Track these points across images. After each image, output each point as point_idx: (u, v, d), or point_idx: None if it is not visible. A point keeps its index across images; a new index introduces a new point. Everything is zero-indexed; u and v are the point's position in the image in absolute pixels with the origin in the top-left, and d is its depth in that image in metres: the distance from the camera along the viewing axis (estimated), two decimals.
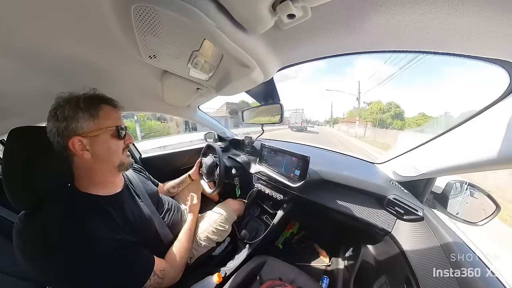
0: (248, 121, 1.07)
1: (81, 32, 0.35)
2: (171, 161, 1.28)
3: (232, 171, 0.94)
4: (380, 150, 8.98)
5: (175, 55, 0.40)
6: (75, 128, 0.41)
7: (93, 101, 0.45)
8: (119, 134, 0.47)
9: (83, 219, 0.40)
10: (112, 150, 0.47)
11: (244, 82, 0.55)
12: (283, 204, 0.84)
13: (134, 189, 0.59)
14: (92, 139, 0.43)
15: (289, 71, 0.58)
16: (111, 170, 0.49)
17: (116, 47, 0.40)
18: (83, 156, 0.43)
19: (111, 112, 0.48)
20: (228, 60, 0.46)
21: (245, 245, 0.78)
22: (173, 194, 0.91)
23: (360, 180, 0.68)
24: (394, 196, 0.60)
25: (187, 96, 0.75)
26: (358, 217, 0.63)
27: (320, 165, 0.78)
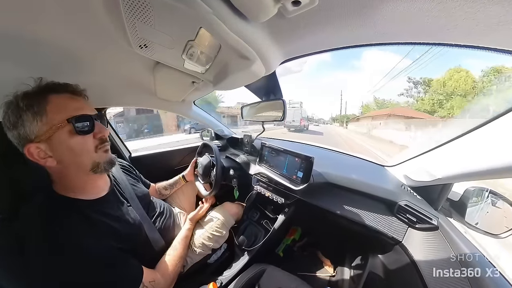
0: (247, 118, 1.06)
1: (62, 16, 0.34)
2: (164, 160, 1.28)
3: (230, 172, 0.94)
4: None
5: (168, 45, 0.40)
6: (25, 134, 0.37)
7: (34, 95, 0.38)
8: (77, 128, 0.39)
9: (61, 227, 0.38)
10: (76, 151, 0.40)
11: (243, 75, 0.55)
12: (285, 208, 0.83)
13: (122, 191, 0.58)
14: (49, 142, 0.38)
15: (292, 64, 0.58)
16: (86, 174, 0.44)
17: (102, 35, 0.39)
18: (46, 164, 0.39)
19: (65, 101, 0.40)
20: (226, 51, 0.45)
21: (243, 252, 0.78)
22: (165, 196, 0.91)
23: (368, 184, 0.68)
24: (406, 203, 0.59)
25: (182, 90, 0.74)
26: (366, 224, 0.63)
27: (325, 167, 0.77)
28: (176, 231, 0.70)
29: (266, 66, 0.52)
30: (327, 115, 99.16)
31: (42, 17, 0.33)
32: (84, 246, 0.38)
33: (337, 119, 59.43)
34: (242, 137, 1.16)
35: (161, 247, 0.59)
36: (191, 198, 1.00)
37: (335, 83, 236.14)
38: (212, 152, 0.93)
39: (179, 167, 1.27)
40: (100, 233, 0.42)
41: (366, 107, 38.33)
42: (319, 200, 0.73)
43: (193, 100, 1.08)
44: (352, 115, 52.84)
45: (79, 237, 0.39)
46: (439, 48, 0.42)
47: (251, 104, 1.00)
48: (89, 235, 0.40)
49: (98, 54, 0.49)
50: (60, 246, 0.36)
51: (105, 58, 0.51)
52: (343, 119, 47.11)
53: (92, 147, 0.43)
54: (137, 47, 0.39)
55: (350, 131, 22.16)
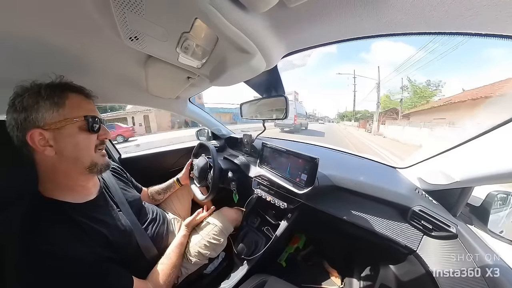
0: (247, 117, 1.06)
1: (47, 8, 0.34)
2: (157, 162, 1.28)
3: (228, 174, 0.94)
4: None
5: (161, 37, 0.40)
6: (35, 119, 0.41)
7: (58, 89, 0.44)
8: (90, 127, 0.46)
9: (45, 234, 0.38)
10: (80, 146, 0.45)
11: (243, 70, 0.55)
12: (287, 214, 0.83)
13: (112, 196, 0.59)
14: (56, 132, 0.42)
15: (295, 58, 0.57)
16: (81, 172, 0.47)
17: (90, 26, 0.39)
18: (44, 152, 0.42)
19: (81, 102, 0.47)
20: (224, 44, 0.45)
21: (242, 262, 0.77)
22: (158, 201, 0.91)
23: (379, 188, 0.67)
24: (421, 208, 0.58)
25: (176, 86, 0.74)
26: (377, 231, 0.62)
27: (332, 168, 0.77)
28: (170, 238, 0.70)
29: (267, 60, 0.52)
30: (332, 112, 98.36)
31: (25, 11, 0.34)
32: (69, 256, 0.39)
33: (345, 115, 54.76)
34: (242, 137, 1.16)
35: (154, 256, 0.59)
36: (186, 203, 0.99)
37: (341, 78, 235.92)
38: (209, 153, 0.93)
39: (173, 169, 1.27)
40: (87, 240, 0.43)
41: (387, 100, 28.61)
42: (324, 205, 0.72)
43: (188, 97, 1.08)
44: (365, 112, 47.61)
45: (63, 247, 0.39)
46: (460, 38, 0.39)
47: (250, 101, 1.00)
48: (75, 243, 0.41)
49: (85, 48, 0.49)
50: (42, 257, 0.36)
51: (93, 52, 0.52)
52: (354, 116, 43.58)
53: (93, 146, 0.48)
54: (127, 40, 0.38)
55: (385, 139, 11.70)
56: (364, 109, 51.12)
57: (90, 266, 0.40)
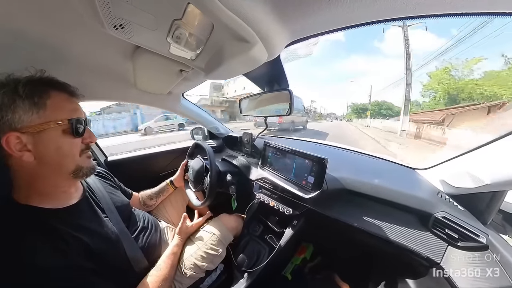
0: (247, 113, 1.06)
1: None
2: (147, 165, 1.28)
3: (227, 177, 0.94)
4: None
5: (150, 25, 0.39)
6: (12, 120, 0.40)
7: (38, 86, 0.42)
8: (74, 130, 0.45)
9: (18, 243, 0.38)
10: (63, 151, 0.45)
11: (241, 62, 0.54)
12: (293, 221, 0.82)
13: (97, 200, 0.59)
14: (36, 136, 0.41)
15: (299, 47, 0.56)
16: (64, 177, 0.47)
17: (69, 15, 0.39)
18: (22, 158, 0.41)
19: (65, 101, 0.46)
20: (220, 32, 0.45)
21: (242, 274, 0.77)
22: (151, 207, 0.92)
23: (396, 192, 0.66)
24: (444, 214, 0.57)
25: (168, 80, 0.75)
26: (393, 240, 0.61)
27: (342, 170, 0.76)
28: (162, 249, 0.70)
29: (269, 50, 0.52)
30: (340, 108, 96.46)
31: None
32: (43, 268, 0.38)
33: (361, 108, 45.08)
34: (241, 136, 1.16)
35: (144, 268, 0.59)
36: (180, 210, 0.99)
37: (350, 69, 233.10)
38: (205, 154, 0.93)
39: (165, 172, 1.28)
40: (65, 249, 0.42)
41: (445, 78, 17.78)
42: (334, 210, 0.72)
43: (181, 93, 1.08)
44: (385, 103, 38.82)
45: (39, 258, 0.38)
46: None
47: (251, 96, 1.00)
48: (51, 253, 0.40)
49: (64, 39, 0.49)
50: (15, 269, 0.36)
51: (73, 43, 0.51)
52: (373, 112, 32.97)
53: (78, 151, 0.48)
54: (111, 28, 0.38)
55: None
56: (382, 100, 41.91)
57: (67, 279, 0.40)
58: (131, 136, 10.55)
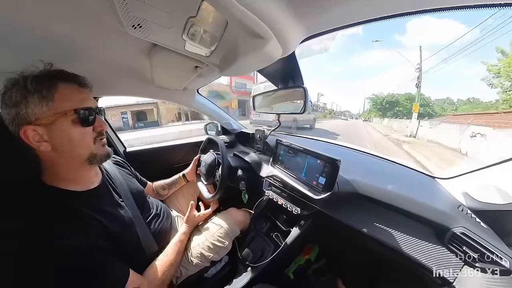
0: (261, 110, 1.06)
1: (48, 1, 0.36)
2: (163, 156, 1.35)
3: (238, 172, 0.96)
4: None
5: (166, 23, 0.41)
6: (26, 114, 0.42)
7: (45, 80, 0.44)
8: (82, 120, 0.47)
9: (45, 222, 0.41)
10: (75, 140, 0.47)
11: (256, 58, 0.54)
12: (300, 221, 0.81)
13: (115, 186, 0.63)
14: (49, 128, 0.44)
15: (315, 42, 0.54)
16: (81, 164, 0.50)
17: (91, 16, 0.42)
18: (40, 148, 0.44)
19: (73, 92, 0.47)
20: (234, 29, 0.45)
21: (246, 268, 0.78)
22: (163, 196, 0.97)
23: (412, 200, 0.62)
24: (463, 230, 0.52)
25: (183, 76, 0.77)
26: (404, 252, 0.58)
27: (355, 173, 0.73)
28: (172, 235, 0.74)
29: (283, 46, 0.51)
30: (355, 106, 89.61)
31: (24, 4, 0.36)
32: (67, 246, 0.42)
33: (383, 103, 30.07)
34: (254, 133, 1.17)
35: (154, 252, 0.63)
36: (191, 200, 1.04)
37: (368, 65, 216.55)
38: (217, 148, 0.96)
39: (179, 164, 1.33)
40: (86, 229, 0.46)
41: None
42: (344, 214, 0.70)
43: (196, 88, 1.11)
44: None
45: (61, 237, 0.42)
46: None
47: (265, 93, 1.00)
48: (73, 232, 0.43)
49: (87, 39, 0.52)
50: (41, 247, 0.39)
51: (95, 43, 0.55)
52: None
53: (90, 139, 0.50)
54: (129, 28, 0.40)
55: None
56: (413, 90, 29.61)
57: (88, 258, 0.43)
58: None
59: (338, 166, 0.65)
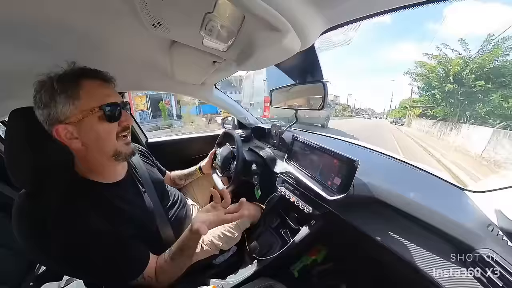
0: (278, 105, 1.04)
1: (73, 1, 0.39)
2: (181, 148, 1.43)
3: (252, 167, 0.97)
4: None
5: (184, 20, 0.42)
6: (56, 114, 0.44)
7: (69, 79, 0.45)
8: (107, 115, 0.48)
9: (80, 208, 0.46)
10: (101, 137, 0.49)
11: (273, 52, 0.53)
12: (311, 220, 0.80)
13: (139, 176, 0.67)
14: (78, 125, 0.46)
15: (335, 34, 0.51)
16: (107, 159, 0.53)
17: (114, 17, 0.44)
18: (72, 145, 0.47)
19: (97, 88, 0.48)
20: (251, 22, 0.44)
21: (252, 261, 0.81)
22: (179, 186, 1.03)
23: (434, 213, 0.56)
24: (491, 254, 0.46)
25: (201, 71, 0.79)
26: (418, 267, 0.53)
27: (374, 176, 0.69)
28: (187, 223, 0.78)
29: (302, 39, 0.49)
30: (380, 104, 79.09)
31: (52, 3, 0.39)
32: (96, 231, 0.47)
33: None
34: (270, 128, 1.16)
35: (170, 239, 0.67)
36: (206, 192, 1.10)
37: (396, 58, 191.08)
38: (233, 142, 0.98)
39: (196, 156, 1.41)
40: (114, 218, 0.51)
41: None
42: (357, 219, 0.66)
43: (214, 83, 1.14)
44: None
45: (93, 223, 0.47)
46: None
47: (282, 88, 0.98)
48: (104, 219, 0.49)
49: (112, 37, 0.56)
50: (75, 228, 0.45)
51: (119, 41, 0.58)
52: None
53: (114, 135, 0.51)
54: (150, 26, 0.42)
55: None
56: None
57: (113, 239, 0.49)
58: None
59: (355, 167, 0.62)
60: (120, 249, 0.50)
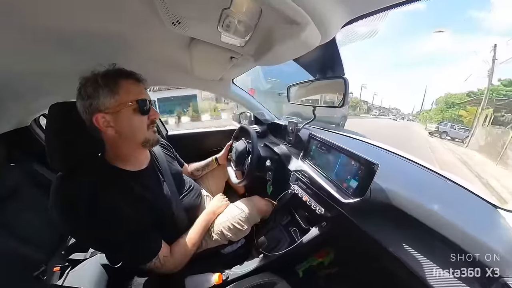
0: (295, 101, 1.01)
1: (99, 6, 0.42)
2: (199, 141, 1.50)
3: (267, 163, 0.97)
4: None
5: (202, 17, 0.43)
6: (98, 105, 0.52)
7: (111, 77, 0.54)
8: (141, 109, 0.57)
9: (108, 193, 0.53)
10: (134, 126, 0.57)
11: (292, 46, 0.52)
12: (322, 221, 0.79)
13: (159, 166, 0.74)
14: (115, 116, 0.54)
15: (360, 25, 0.47)
16: (137, 147, 0.61)
17: (133, 14, 0.47)
18: (107, 132, 0.55)
19: (132, 86, 0.57)
20: (268, 16, 0.44)
21: (258, 255, 0.82)
22: (197, 177, 1.09)
23: (459, 230, 0.49)
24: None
25: (219, 67, 0.81)
26: (433, 286, 0.48)
27: (394, 182, 0.64)
28: (199, 212, 0.83)
29: (323, 32, 0.47)
30: (408, 103, 67.18)
31: (87, 14, 0.44)
32: (123, 215, 0.54)
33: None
34: (286, 124, 1.14)
35: (184, 226, 0.74)
36: (220, 183, 1.14)
37: (430, 51, 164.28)
38: (249, 137, 0.99)
39: (213, 149, 1.45)
40: (137, 204, 0.58)
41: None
42: (371, 225, 0.63)
43: (231, 78, 1.15)
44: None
45: (119, 207, 0.54)
46: None
47: (301, 83, 0.94)
48: (129, 205, 0.55)
49: (135, 39, 0.60)
50: (102, 211, 0.52)
51: (142, 42, 0.62)
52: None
53: (145, 126, 0.60)
54: (170, 25, 0.44)
55: None
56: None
57: (133, 224, 0.55)
58: None
59: (374, 171, 0.58)
60: (137, 235, 0.57)
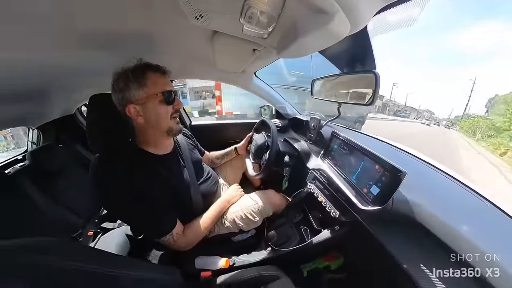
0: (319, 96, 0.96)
1: (129, 6, 0.45)
2: (220, 132, 1.56)
3: (285, 158, 0.97)
4: None
5: (224, 10, 0.43)
6: (129, 97, 0.59)
7: (139, 71, 0.60)
8: (166, 100, 0.62)
9: (136, 175, 0.60)
10: (160, 115, 0.63)
11: (318, 37, 0.49)
12: (335, 225, 0.76)
13: (181, 153, 0.80)
14: (143, 106, 0.60)
15: (396, 12, 0.40)
16: (162, 134, 0.67)
17: (158, 11, 0.49)
18: (137, 120, 0.62)
19: (158, 78, 0.62)
20: (293, 5, 0.41)
21: (266, 247, 0.84)
22: (216, 165, 1.15)
23: (487, 260, 0.41)
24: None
25: (242, 59, 0.81)
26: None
27: (420, 194, 0.57)
28: (215, 199, 0.88)
29: (352, 21, 0.43)
30: (445, 105, 52.72)
31: (108, 10, 0.46)
32: (149, 195, 0.61)
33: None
34: (309, 120, 1.10)
35: (200, 209, 0.80)
36: (237, 173, 1.18)
37: (472, 47, 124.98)
38: (269, 131, 0.98)
39: (233, 140, 1.48)
40: (162, 185, 0.65)
41: None
42: (388, 238, 0.57)
43: (254, 71, 1.14)
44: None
45: (145, 187, 0.61)
46: None
47: (326, 77, 0.88)
48: (153, 185, 0.63)
49: (161, 35, 0.64)
50: (131, 190, 0.59)
51: (167, 37, 0.66)
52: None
53: (169, 115, 0.65)
54: (193, 19, 0.46)
55: None
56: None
57: (155, 203, 0.62)
58: None
59: (400, 179, 0.53)
60: (157, 213, 0.65)
